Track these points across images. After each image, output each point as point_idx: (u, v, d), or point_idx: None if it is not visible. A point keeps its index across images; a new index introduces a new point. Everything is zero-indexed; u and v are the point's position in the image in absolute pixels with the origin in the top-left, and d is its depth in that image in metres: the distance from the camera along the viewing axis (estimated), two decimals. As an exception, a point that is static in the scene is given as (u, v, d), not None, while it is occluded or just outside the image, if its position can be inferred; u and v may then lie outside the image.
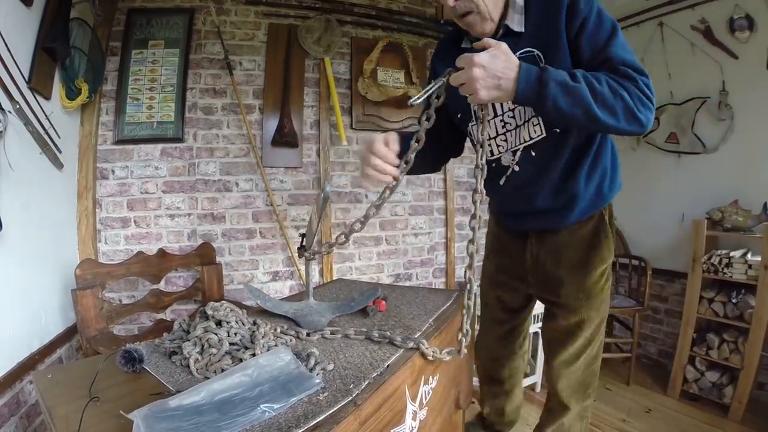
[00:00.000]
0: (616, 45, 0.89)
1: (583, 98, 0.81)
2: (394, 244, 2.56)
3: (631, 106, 0.84)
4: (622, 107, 0.84)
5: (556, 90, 0.80)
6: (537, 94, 0.81)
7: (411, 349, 0.81)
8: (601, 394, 2.39)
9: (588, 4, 0.91)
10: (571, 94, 0.81)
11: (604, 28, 0.90)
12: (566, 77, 0.82)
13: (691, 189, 2.49)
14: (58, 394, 0.66)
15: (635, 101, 0.84)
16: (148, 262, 1.98)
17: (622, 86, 0.84)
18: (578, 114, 0.83)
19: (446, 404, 1.06)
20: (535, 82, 0.80)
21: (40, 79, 1.54)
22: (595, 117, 0.83)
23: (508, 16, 0.97)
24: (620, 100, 0.83)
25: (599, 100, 0.82)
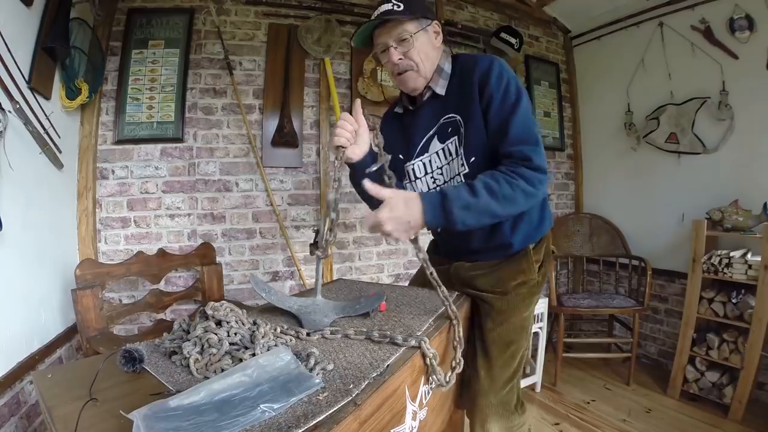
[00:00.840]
0: (515, 121, 0.99)
1: (487, 208, 0.92)
2: (394, 244, 2.56)
3: (529, 190, 0.95)
4: (522, 195, 0.95)
5: (460, 213, 0.90)
6: (445, 221, 0.91)
7: (412, 348, 0.81)
8: (601, 394, 2.39)
9: (497, 82, 1.01)
10: (474, 210, 0.91)
11: (507, 103, 1.01)
12: (467, 196, 0.91)
13: (691, 189, 2.50)
14: (58, 394, 0.66)
15: (530, 183, 0.95)
16: (148, 262, 1.98)
17: (518, 174, 0.95)
18: (486, 220, 0.95)
19: (446, 404, 1.05)
20: (440, 213, 0.90)
21: (40, 79, 1.54)
22: (501, 215, 0.95)
23: (434, 81, 1.10)
24: (519, 189, 0.94)
25: (501, 201, 0.93)
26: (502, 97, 1.01)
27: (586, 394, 2.41)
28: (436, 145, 1.12)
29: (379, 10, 1.04)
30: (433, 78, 1.10)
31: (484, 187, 0.92)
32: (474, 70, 1.04)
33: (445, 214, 0.90)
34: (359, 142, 1.10)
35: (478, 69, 1.03)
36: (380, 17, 1.03)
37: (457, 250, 1.23)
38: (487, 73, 1.02)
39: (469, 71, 1.05)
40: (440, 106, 1.10)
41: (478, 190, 0.92)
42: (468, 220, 0.91)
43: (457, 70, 1.09)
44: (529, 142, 0.98)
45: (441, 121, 1.10)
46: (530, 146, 0.98)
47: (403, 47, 1.05)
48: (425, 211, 0.89)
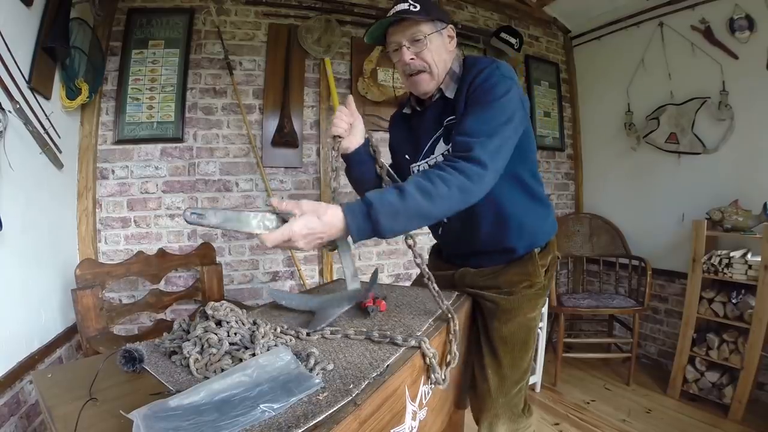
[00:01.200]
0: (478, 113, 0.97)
1: (418, 211, 0.86)
2: (394, 244, 2.56)
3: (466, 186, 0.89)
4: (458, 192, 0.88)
5: (388, 222, 0.83)
6: (372, 231, 0.83)
7: (412, 348, 0.81)
8: (601, 394, 2.39)
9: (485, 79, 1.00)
10: (404, 215, 0.85)
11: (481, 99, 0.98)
12: (395, 201, 0.84)
13: (691, 189, 2.50)
14: (58, 393, 0.66)
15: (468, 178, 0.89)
16: (148, 262, 1.98)
17: (455, 169, 0.89)
18: (418, 223, 0.89)
19: (446, 404, 1.06)
20: (365, 224, 0.83)
21: (40, 79, 1.54)
22: (435, 216, 0.90)
23: (445, 83, 1.09)
24: (454, 187, 0.88)
25: (435, 200, 0.86)
26: (480, 93, 0.99)
27: (586, 394, 2.41)
28: (441, 147, 1.11)
29: (395, 8, 1.04)
30: (444, 81, 1.10)
31: (417, 189, 0.86)
32: (471, 72, 1.04)
33: (371, 223, 0.82)
34: (355, 133, 1.12)
35: (475, 70, 1.03)
36: (396, 15, 1.02)
37: (459, 254, 1.24)
38: (479, 72, 1.01)
39: (468, 74, 1.05)
40: (446, 108, 1.09)
41: (408, 192, 0.85)
42: (396, 227, 0.85)
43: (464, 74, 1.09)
44: (478, 134, 0.93)
45: (445, 123, 1.09)
46: (477, 138, 0.93)
47: (416, 47, 1.04)
48: (348, 224, 0.82)
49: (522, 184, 1.12)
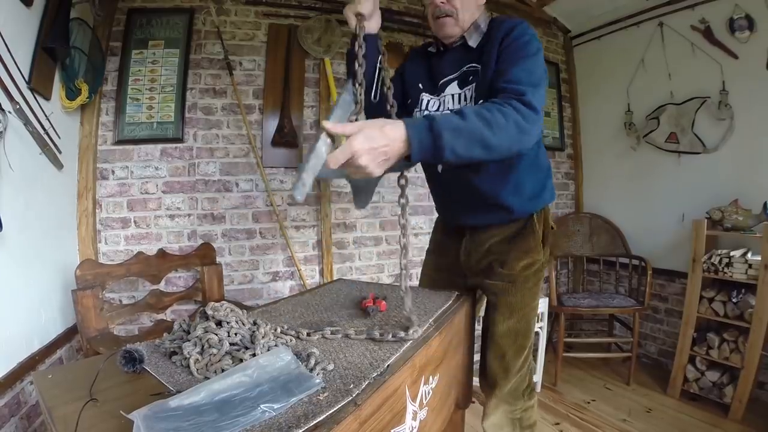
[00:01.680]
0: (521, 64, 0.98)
1: (478, 133, 0.83)
2: (394, 244, 2.56)
3: (522, 124, 0.89)
4: (515, 127, 0.88)
5: (450, 137, 0.80)
6: (434, 147, 0.80)
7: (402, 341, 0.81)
8: (602, 394, 2.39)
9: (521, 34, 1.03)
10: (464, 134, 0.82)
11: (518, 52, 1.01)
12: (455, 119, 0.82)
13: (691, 189, 2.50)
14: (58, 394, 0.66)
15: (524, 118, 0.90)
16: (148, 263, 1.98)
17: (511, 106, 0.89)
18: (478, 151, 0.85)
19: (446, 404, 1.06)
20: (428, 137, 0.79)
21: (40, 79, 1.54)
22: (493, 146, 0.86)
23: (468, 32, 1.13)
24: (511, 120, 0.88)
25: (493, 128, 0.85)
26: (518, 47, 1.02)
27: (586, 393, 2.41)
28: (453, 89, 1.14)
29: None
30: (468, 30, 1.13)
31: (475, 114, 0.84)
32: (501, 27, 1.07)
33: (433, 137, 0.79)
34: (375, 17, 1.05)
35: (506, 25, 1.07)
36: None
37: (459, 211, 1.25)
38: (513, 28, 1.05)
39: (497, 29, 1.08)
40: (467, 55, 1.13)
41: (467, 114, 0.83)
42: (458, 147, 0.81)
43: (491, 29, 1.12)
44: (527, 83, 0.95)
45: (464, 68, 1.13)
46: (527, 86, 0.94)
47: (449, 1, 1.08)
48: (411, 137, 0.77)
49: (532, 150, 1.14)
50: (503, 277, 1.19)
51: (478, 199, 1.18)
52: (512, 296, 1.19)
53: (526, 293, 1.20)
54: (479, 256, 1.23)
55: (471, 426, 2.00)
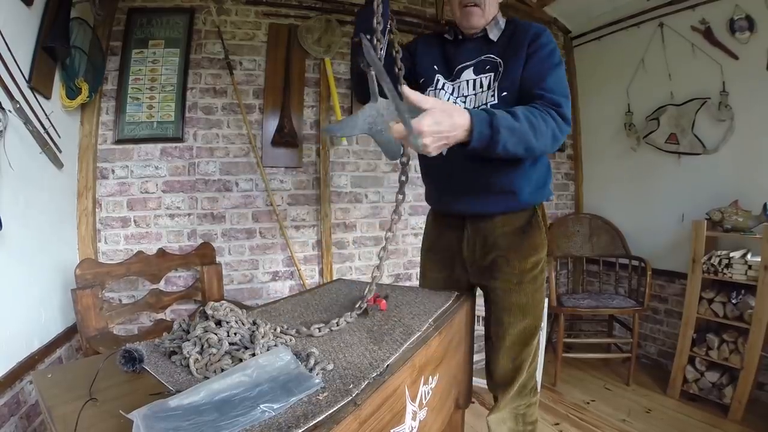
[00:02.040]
0: (553, 74, 1.07)
1: (526, 136, 0.93)
2: (394, 244, 2.56)
3: (557, 134, 1.00)
4: (551, 135, 0.98)
5: (506, 134, 0.89)
6: (490, 140, 0.88)
7: (412, 347, 0.81)
8: (601, 394, 2.39)
9: (546, 43, 1.10)
10: (517, 134, 0.91)
11: (549, 61, 1.08)
12: (511, 119, 0.91)
13: (691, 189, 2.49)
14: (57, 394, 0.66)
15: (558, 127, 1.00)
16: (148, 262, 1.98)
17: (550, 115, 0.99)
18: (521, 150, 0.95)
19: (446, 404, 1.05)
20: (488, 130, 0.87)
21: (40, 79, 1.54)
22: (533, 148, 0.97)
23: (490, 25, 1.17)
24: (550, 129, 0.98)
25: (537, 133, 0.95)
26: (546, 55, 1.08)
27: (586, 394, 2.41)
28: (469, 74, 1.17)
29: None
30: (490, 23, 1.17)
31: (525, 117, 0.93)
32: (528, 31, 1.12)
33: (492, 132, 0.87)
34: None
35: (533, 30, 1.12)
36: None
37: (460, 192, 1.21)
38: (540, 34, 1.11)
39: (524, 31, 1.13)
40: (486, 46, 1.17)
41: (519, 117, 0.92)
42: (509, 144, 0.90)
43: (511, 29, 1.16)
44: (560, 94, 1.03)
45: (482, 57, 1.16)
46: (562, 97, 1.03)
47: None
48: (473, 128, 0.84)
49: None
50: (512, 277, 1.17)
51: (484, 182, 1.14)
52: (523, 297, 1.18)
53: (535, 293, 1.19)
54: (483, 250, 1.20)
55: (471, 426, 2.00)
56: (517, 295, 1.18)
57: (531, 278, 1.18)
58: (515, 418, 1.27)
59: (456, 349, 1.10)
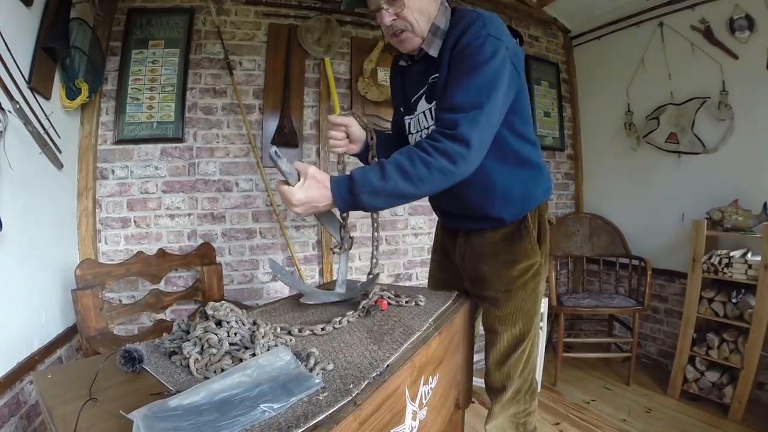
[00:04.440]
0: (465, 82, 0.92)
1: (398, 191, 0.89)
2: (394, 244, 2.56)
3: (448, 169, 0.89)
4: (439, 175, 0.89)
5: (368, 198, 0.89)
6: (354, 206, 0.91)
7: (411, 347, 0.81)
8: (601, 394, 2.39)
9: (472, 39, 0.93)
10: (383, 194, 0.89)
11: (469, 62, 0.93)
12: (376, 180, 0.88)
13: (691, 189, 2.50)
14: (58, 394, 0.66)
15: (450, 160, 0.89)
16: (148, 262, 1.98)
17: (437, 150, 0.89)
18: (399, 202, 0.94)
19: (446, 404, 1.05)
20: (348, 198, 0.90)
21: (40, 79, 1.54)
22: (416, 196, 0.92)
23: (427, 41, 1.04)
24: (435, 170, 0.89)
25: (415, 182, 0.89)
26: (467, 56, 0.94)
27: (586, 394, 2.41)
28: (423, 105, 1.10)
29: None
30: (427, 38, 1.03)
31: (397, 170, 0.88)
32: (457, 28, 0.98)
33: (353, 198, 0.89)
34: (353, 137, 1.17)
35: (460, 26, 0.98)
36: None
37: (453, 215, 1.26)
38: (465, 30, 0.95)
39: (454, 29, 0.99)
40: (431, 65, 1.05)
41: (388, 173, 0.88)
42: (378, 204, 0.91)
43: (452, 27, 1.02)
44: (465, 108, 0.90)
45: (429, 80, 1.07)
46: (464, 112, 0.89)
47: (396, 7, 0.98)
48: (334, 196, 0.89)
49: (509, 149, 1.07)
50: (501, 287, 1.15)
51: (468, 211, 1.16)
52: (512, 304, 1.15)
53: (526, 299, 1.15)
54: (474, 262, 1.20)
55: (471, 426, 2.00)
56: (506, 304, 1.15)
57: (521, 285, 1.14)
58: (516, 427, 1.24)
59: (456, 349, 1.10)
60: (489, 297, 1.18)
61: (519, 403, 1.23)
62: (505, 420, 1.24)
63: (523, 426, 1.24)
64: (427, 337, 0.89)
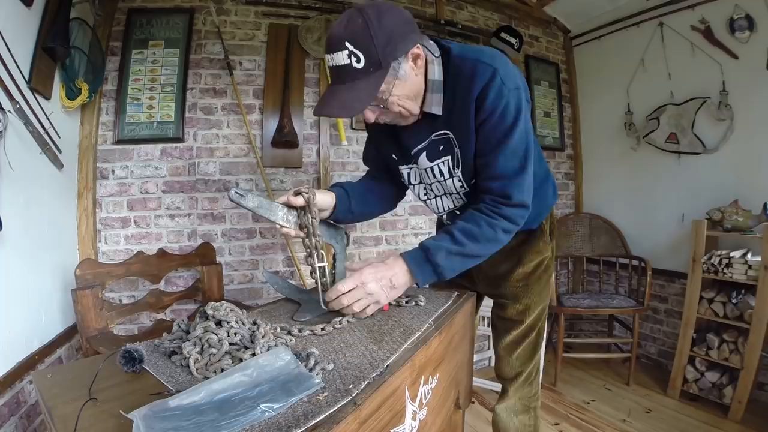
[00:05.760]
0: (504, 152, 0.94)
1: (471, 253, 0.95)
2: (394, 244, 2.56)
3: (510, 228, 0.97)
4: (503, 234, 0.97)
5: (447, 263, 0.93)
6: (434, 274, 0.93)
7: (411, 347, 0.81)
8: (601, 394, 2.39)
9: (496, 100, 0.90)
10: (458, 256, 0.94)
11: (500, 128, 0.92)
12: (449, 245, 0.93)
13: (691, 189, 2.50)
14: (58, 394, 0.66)
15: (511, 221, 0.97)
16: (148, 262, 1.98)
17: (498, 215, 0.96)
18: (473, 263, 0.98)
19: (446, 404, 1.05)
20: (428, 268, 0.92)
21: (40, 79, 1.54)
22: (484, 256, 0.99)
23: (427, 101, 0.96)
24: (499, 230, 0.96)
25: (483, 243, 0.95)
26: (497, 120, 0.91)
27: (586, 394, 2.41)
28: (424, 161, 1.05)
29: (334, 61, 0.83)
30: (426, 100, 0.96)
31: (464, 234, 0.94)
32: (472, 81, 0.90)
33: (432, 267, 0.91)
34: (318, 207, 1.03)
35: (478, 82, 0.90)
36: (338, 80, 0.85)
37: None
38: (486, 88, 0.89)
39: (467, 81, 0.91)
40: (433, 122, 0.99)
41: (458, 238, 0.93)
42: (456, 266, 0.94)
43: (452, 76, 0.94)
44: (511, 175, 0.94)
45: (432, 136, 1.01)
46: (512, 181, 0.95)
47: (378, 102, 0.90)
48: (411, 269, 0.91)
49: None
50: (519, 282, 1.21)
51: None
52: (529, 297, 1.22)
53: (541, 291, 1.23)
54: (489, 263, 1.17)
55: (471, 426, 2.00)
56: (524, 297, 1.22)
57: (536, 279, 1.22)
58: (527, 410, 1.29)
59: (456, 349, 1.10)
60: (508, 293, 1.23)
61: (531, 386, 1.29)
62: (517, 402, 1.28)
63: (534, 410, 1.30)
64: (427, 337, 0.89)
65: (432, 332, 0.92)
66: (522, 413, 1.29)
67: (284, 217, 0.95)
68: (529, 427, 1.29)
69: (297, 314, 1.01)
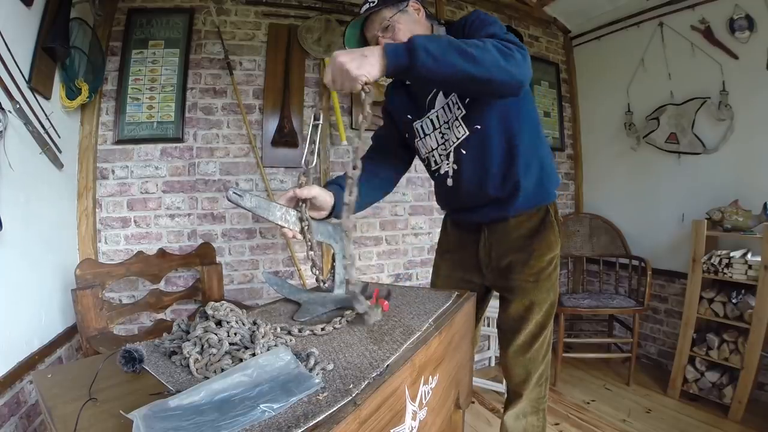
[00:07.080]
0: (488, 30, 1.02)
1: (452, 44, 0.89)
2: (394, 244, 2.56)
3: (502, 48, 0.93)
4: (494, 48, 0.92)
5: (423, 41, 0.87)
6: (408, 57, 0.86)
7: (411, 347, 0.81)
8: (601, 394, 2.39)
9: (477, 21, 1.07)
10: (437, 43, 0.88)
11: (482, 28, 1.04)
12: (430, 37, 0.91)
13: (691, 189, 2.50)
14: (58, 393, 0.66)
15: (504, 45, 0.95)
16: (148, 262, 1.98)
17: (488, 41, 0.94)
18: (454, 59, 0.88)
19: (446, 404, 1.05)
20: (402, 48, 0.88)
21: (40, 79, 1.54)
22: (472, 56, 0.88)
23: None
24: (489, 43, 0.92)
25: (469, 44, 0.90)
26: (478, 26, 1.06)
27: (586, 394, 2.41)
28: (441, 100, 1.16)
29: (361, 9, 1.13)
30: None
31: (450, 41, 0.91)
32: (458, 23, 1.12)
33: (405, 45, 0.87)
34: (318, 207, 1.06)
35: (461, 20, 1.12)
36: (362, 16, 1.11)
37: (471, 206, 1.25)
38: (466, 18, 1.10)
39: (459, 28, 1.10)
40: None
41: (442, 39, 0.91)
42: (432, 49, 0.86)
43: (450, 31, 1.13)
44: (500, 36, 0.99)
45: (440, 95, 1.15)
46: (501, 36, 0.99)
47: (389, 33, 1.10)
48: (386, 47, 0.88)
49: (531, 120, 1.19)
50: (529, 277, 1.21)
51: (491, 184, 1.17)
52: (539, 293, 1.22)
53: (550, 288, 1.24)
54: (499, 252, 1.24)
55: (471, 426, 2.00)
56: (534, 293, 1.22)
57: (546, 276, 1.22)
58: (536, 412, 1.30)
59: (456, 349, 1.10)
60: (516, 287, 1.23)
61: (541, 387, 1.29)
62: (527, 405, 1.28)
63: (543, 411, 1.30)
64: (427, 337, 0.89)
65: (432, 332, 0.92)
66: (531, 414, 1.29)
67: (282, 216, 0.96)
68: (538, 428, 1.30)
69: (297, 314, 1.00)
